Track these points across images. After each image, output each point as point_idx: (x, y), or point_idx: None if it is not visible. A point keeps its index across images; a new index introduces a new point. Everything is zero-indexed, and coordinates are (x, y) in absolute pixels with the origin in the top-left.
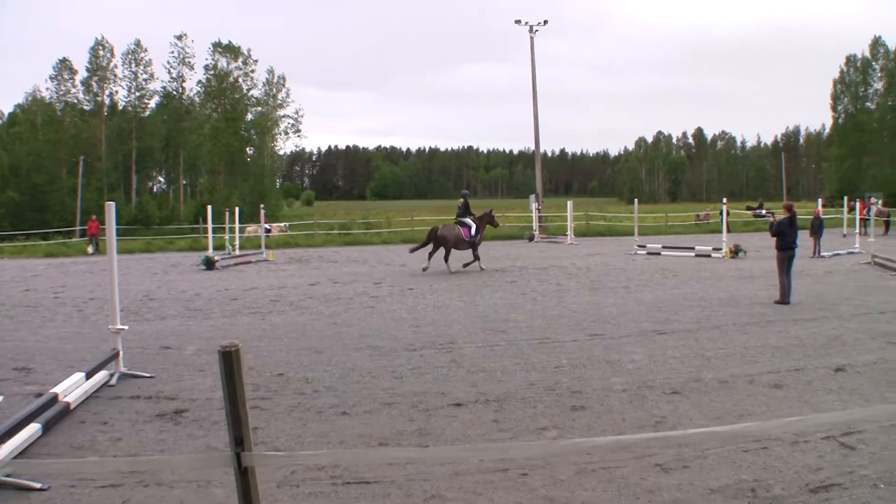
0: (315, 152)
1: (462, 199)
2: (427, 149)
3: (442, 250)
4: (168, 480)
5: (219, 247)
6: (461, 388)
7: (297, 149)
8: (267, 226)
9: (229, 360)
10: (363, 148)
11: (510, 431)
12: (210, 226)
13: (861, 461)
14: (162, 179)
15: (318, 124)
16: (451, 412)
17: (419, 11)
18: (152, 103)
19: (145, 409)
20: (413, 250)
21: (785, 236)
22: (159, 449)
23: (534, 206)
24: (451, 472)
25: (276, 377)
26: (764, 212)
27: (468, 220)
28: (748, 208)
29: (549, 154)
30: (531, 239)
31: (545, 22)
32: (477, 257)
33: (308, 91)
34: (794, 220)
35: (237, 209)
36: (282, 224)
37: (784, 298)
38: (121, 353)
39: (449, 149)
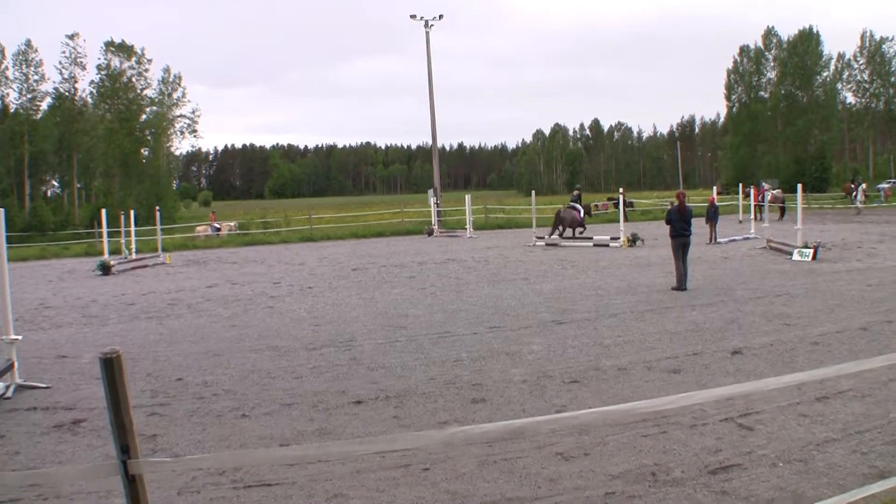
0: (211, 152)
1: (577, 192)
2: (324, 146)
3: (560, 228)
4: (68, 492)
5: (115, 251)
6: (361, 385)
7: (194, 149)
8: (216, 224)
9: (111, 367)
10: (260, 146)
11: (411, 427)
12: (105, 230)
13: (759, 441)
14: (56, 183)
15: (213, 123)
16: (352, 410)
17: (311, 5)
18: (44, 105)
19: (43, 421)
20: (550, 234)
21: (675, 224)
22: (58, 461)
23: (432, 200)
24: (353, 470)
25: (175, 382)
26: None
27: (579, 206)
28: (609, 199)
29: (448, 148)
30: (430, 234)
31: (440, 16)
32: (582, 232)
33: (198, 88)
34: (684, 207)
35: (132, 212)
36: (231, 223)
37: (680, 285)
38: (16, 364)
39: (347, 145)
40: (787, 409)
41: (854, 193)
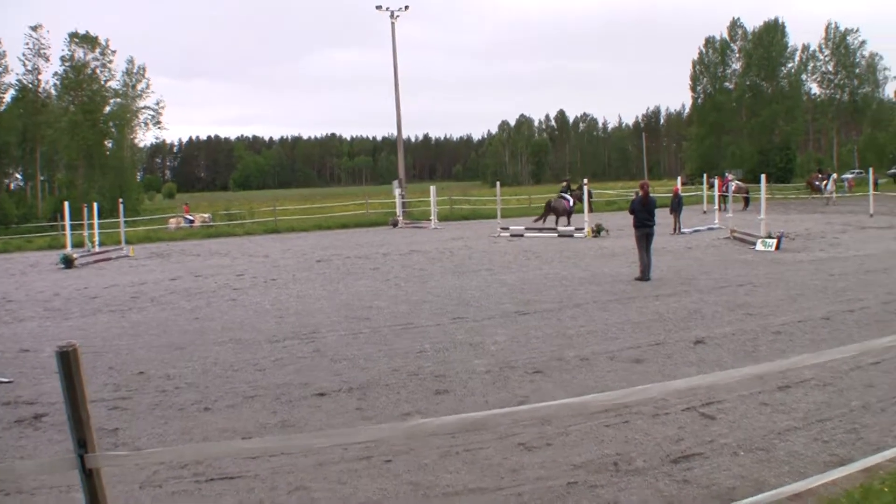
0: (176, 144)
1: (566, 182)
2: (290, 137)
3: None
4: (29, 487)
5: (78, 244)
6: (324, 377)
7: (158, 141)
8: (190, 216)
9: (67, 361)
10: (225, 138)
11: (374, 419)
12: (68, 223)
13: (721, 430)
14: (19, 176)
15: (178, 115)
16: (315, 402)
17: None
18: (7, 97)
19: (4, 416)
20: (535, 220)
21: (638, 214)
22: (19, 455)
23: (397, 191)
24: (316, 462)
25: (137, 376)
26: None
27: (567, 196)
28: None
29: (413, 139)
30: (395, 225)
31: (406, 7)
32: (569, 221)
33: (162, 80)
34: (647, 198)
35: (95, 204)
36: (205, 215)
37: (644, 275)
38: None
39: (312, 137)
40: (749, 398)
41: (825, 183)
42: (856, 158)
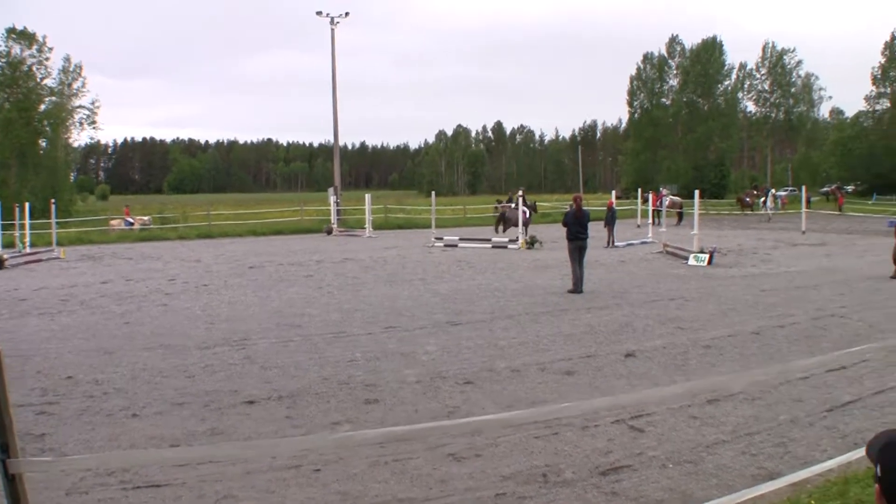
0: (111, 145)
1: (521, 193)
2: (226, 141)
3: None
4: None
5: (8, 244)
6: (254, 385)
7: (93, 141)
8: (130, 219)
9: None
10: (160, 140)
11: (303, 427)
12: None
13: (650, 443)
14: None
15: (113, 115)
16: (244, 410)
17: None
18: None
19: None
20: (496, 229)
21: (571, 227)
22: None
23: (332, 199)
24: (244, 471)
25: (65, 380)
26: (514, 205)
27: (524, 208)
28: (497, 202)
29: (350, 147)
30: (329, 232)
31: (346, 14)
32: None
33: (98, 79)
34: (580, 211)
35: (27, 204)
36: (145, 218)
37: (576, 288)
38: None
39: (248, 141)
40: (679, 411)
41: (763, 200)
42: (790, 176)
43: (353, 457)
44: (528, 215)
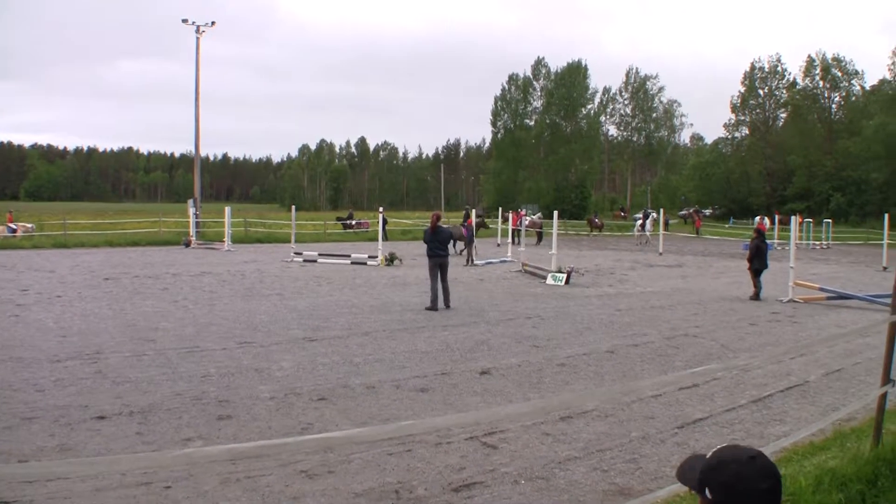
0: None
1: (465, 210)
2: (86, 148)
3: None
4: None
5: None
6: (105, 400)
7: None
8: (13, 225)
9: None
10: (18, 145)
11: (154, 444)
12: None
13: (503, 459)
14: None
15: None
16: (94, 426)
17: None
18: None
19: None
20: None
21: (430, 244)
22: None
23: (192, 211)
24: (94, 487)
25: None
26: (353, 222)
27: (468, 224)
28: (338, 219)
29: (212, 158)
30: (188, 245)
31: (213, 23)
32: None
33: None
34: (436, 228)
35: None
36: (28, 225)
37: (433, 305)
38: None
39: (108, 149)
40: (532, 427)
41: (642, 223)
42: (649, 199)
43: (204, 474)
44: (472, 232)
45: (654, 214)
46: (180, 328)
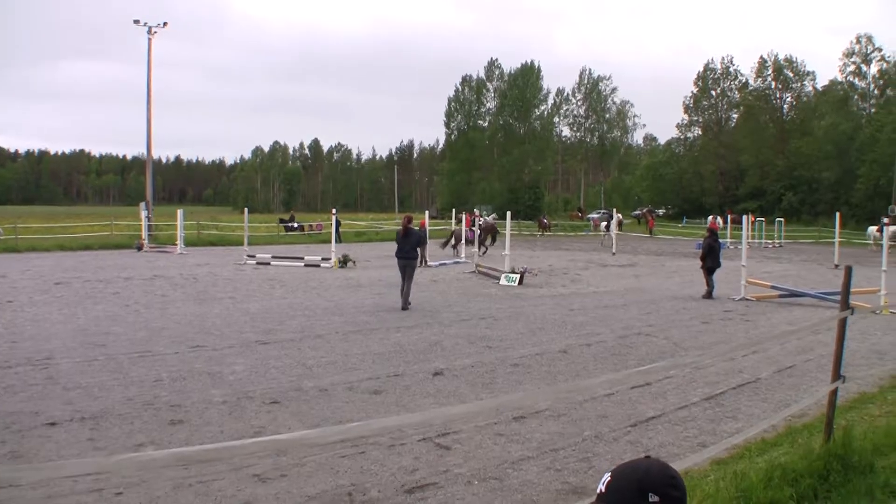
0: None
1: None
2: (37, 151)
3: (454, 241)
4: None
5: None
6: (56, 406)
7: None
8: None
9: None
10: None
11: (106, 449)
12: None
13: (456, 460)
14: None
15: None
16: (45, 432)
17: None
18: None
19: None
20: (443, 245)
21: (399, 245)
22: None
23: (144, 214)
24: (45, 495)
25: None
26: (295, 224)
27: (475, 229)
28: (280, 221)
29: (165, 161)
30: (140, 248)
31: (165, 24)
32: (484, 249)
33: None
34: (406, 230)
35: None
36: None
37: (404, 305)
38: None
39: (59, 152)
40: (485, 428)
41: (606, 224)
42: (602, 199)
43: (156, 479)
44: (477, 233)
45: (620, 216)
46: (132, 332)
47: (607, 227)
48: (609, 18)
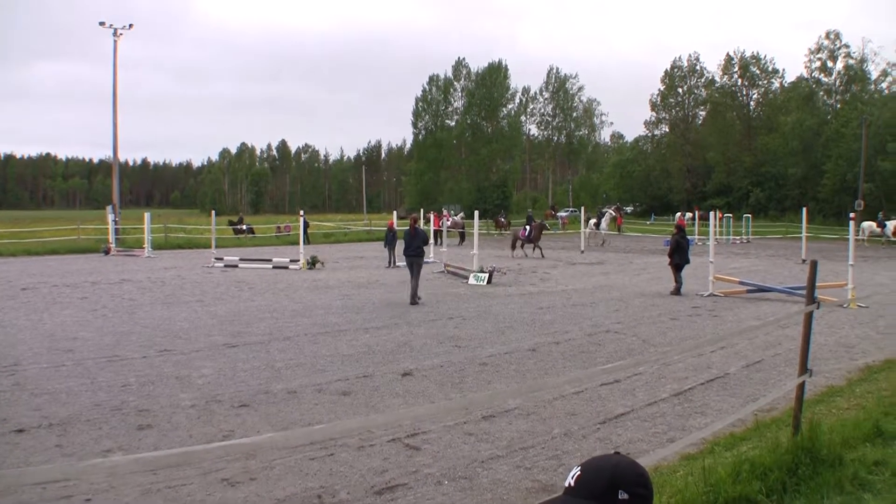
0: None
1: (529, 215)
2: (2, 155)
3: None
4: None
5: None
6: (24, 412)
7: None
8: None
9: None
10: None
11: (74, 455)
12: None
13: (426, 461)
14: None
15: None
16: (13, 439)
17: None
18: None
19: None
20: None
21: (406, 244)
22: None
23: (111, 217)
24: (13, 502)
25: None
26: (244, 227)
27: (527, 227)
28: (229, 223)
29: (131, 163)
30: (107, 252)
31: (130, 25)
32: (538, 247)
33: None
34: (414, 230)
35: None
36: None
37: (413, 300)
38: None
39: (25, 155)
40: (454, 428)
41: (596, 222)
42: (570, 197)
43: (124, 485)
44: (528, 232)
45: (612, 212)
46: (99, 337)
47: (597, 224)
48: (574, 17)
